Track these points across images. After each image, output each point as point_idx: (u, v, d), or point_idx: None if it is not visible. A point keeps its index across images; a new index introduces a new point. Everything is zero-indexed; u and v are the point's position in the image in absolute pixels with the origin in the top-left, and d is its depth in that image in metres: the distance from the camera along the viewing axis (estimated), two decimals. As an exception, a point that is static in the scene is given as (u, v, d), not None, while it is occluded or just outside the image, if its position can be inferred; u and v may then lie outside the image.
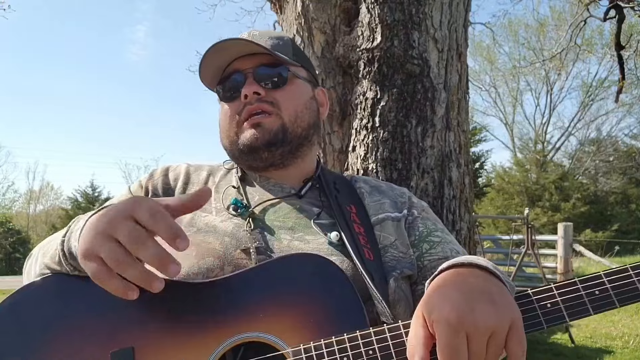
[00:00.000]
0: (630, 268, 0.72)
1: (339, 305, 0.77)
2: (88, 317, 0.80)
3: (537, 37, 24.43)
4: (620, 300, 0.71)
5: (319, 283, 0.79)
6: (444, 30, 2.30)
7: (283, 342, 0.75)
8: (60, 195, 33.54)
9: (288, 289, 0.79)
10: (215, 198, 1.04)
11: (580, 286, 0.72)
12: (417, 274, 0.99)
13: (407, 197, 1.10)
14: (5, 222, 23.83)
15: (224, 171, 1.12)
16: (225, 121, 1.06)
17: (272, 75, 1.02)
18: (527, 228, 7.93)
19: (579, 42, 8.77)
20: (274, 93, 1.02)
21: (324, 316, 0.77)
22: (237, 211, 0.99)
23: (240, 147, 1.02)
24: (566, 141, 28.00)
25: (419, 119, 2.21)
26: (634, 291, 0.71)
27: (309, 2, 2.40)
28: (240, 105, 1.02)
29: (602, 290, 0.71)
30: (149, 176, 1.10)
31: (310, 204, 1.02)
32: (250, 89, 1.00)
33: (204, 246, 0.92)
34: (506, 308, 0.66)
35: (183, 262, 0.88)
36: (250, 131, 1.01)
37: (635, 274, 0.71)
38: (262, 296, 0.79)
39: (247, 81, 1.02)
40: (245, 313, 0.78)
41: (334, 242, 0.94)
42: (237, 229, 0.96)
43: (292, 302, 0.78)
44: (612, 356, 5.42)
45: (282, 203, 1.02)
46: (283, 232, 0.96)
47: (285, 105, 1.02)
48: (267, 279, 0.80)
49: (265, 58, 1.03)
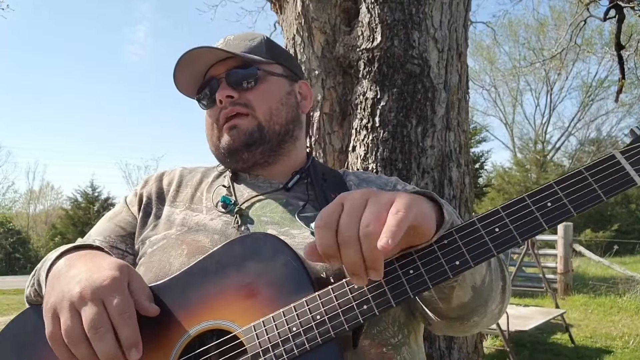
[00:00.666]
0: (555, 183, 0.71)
1: (283, 276, 0.78)
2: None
3: (537, 37, 24.45)
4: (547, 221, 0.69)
5: (263, 259, 0.80)
6: (444, 30, 2.30)
7: (235, 324, 0.77)
8: (60, 195, 33.59)
9: (233, 271, 0.81)
10: (206, 197, 1.07)
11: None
12: None
13: (393, 184, 1.10)
14: (5, 222, 23.82)
15: (217, 172, 1.15)
16: (208, 128, 1.09)
17: (243, 76, 1.04)
18: (527, 228, 7.91)
19: (579, 42, 8.77)
20: (247, 94, 1.04)
21: (273, 291, 0.78)
22: (226, 208, 1.01)
23: (222, 151, 1.05)
24: (566, 141, 28.05)
25: (419, 119, 2.21)
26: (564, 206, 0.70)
27: (309, 2, 2.40)
28: (217, 111, 1.05)
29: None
30: (143, 184, 1.14)
31: (297, 198, 1.04)
32: (223, 93, 1.03)
33: (194, 245, 0.95)
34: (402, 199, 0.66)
35: (174, 261, 0.92)
36: (227, 134, 1.04)
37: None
38: (214, 284, 0.81)
39: (221, 86, 1.04)
40: (201, 304, 0.80)
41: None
42: (226, 226, 0.98)
43: (240, 284, 0.79)
44: (612, 356, 5.42)
45: (269, 198, 1.04)
46: (270, 227, 0.97)
47: (259, 105, 1.04)
48: (214, 267, 0.82)
49: (236, 61, 1.05)
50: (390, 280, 0.72)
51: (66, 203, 27.79)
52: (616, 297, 8.60)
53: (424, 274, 0.71)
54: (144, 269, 0.95)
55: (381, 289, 0.72)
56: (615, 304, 8.22)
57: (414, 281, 0.71)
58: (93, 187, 24.34)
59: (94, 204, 22.54)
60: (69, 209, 24.26)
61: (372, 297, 0.72)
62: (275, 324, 0.75)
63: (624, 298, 8.45)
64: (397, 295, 0.71)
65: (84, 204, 23.12)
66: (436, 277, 0.71)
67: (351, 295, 0.73)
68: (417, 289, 0.71)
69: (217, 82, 1.05)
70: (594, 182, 0.71)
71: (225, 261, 0.82)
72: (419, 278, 0.71)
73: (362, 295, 0.73)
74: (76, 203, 24.07)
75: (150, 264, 0.94)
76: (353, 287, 0.74)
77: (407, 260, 0.72)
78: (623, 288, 8.88)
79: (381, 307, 0.72)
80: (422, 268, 0.71)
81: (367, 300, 0.72)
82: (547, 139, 28.00)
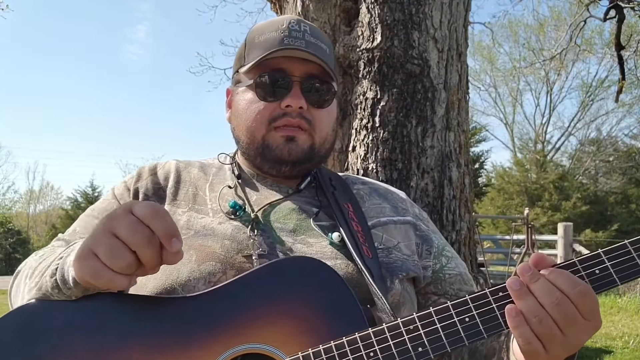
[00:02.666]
0: (629, 244, 0.72)
1: (335, 307, 0.75)
2: (75, 342, 0.77)
3: (537, 37, 24.46)
4: (621, 278, 0.70)
5: (313, 287, 0.77)
6: (444, 30, 2.30)
7: (280, 351, 0.73)
8: (60, 195, 33.60)
9: (281, 295, 0.76)
10: (211, 198, 1.01)
11: (580, 267, 0.71)
12: (434, 283, 1.02)
13: (407, 204, 1.10)
14: (5, 223, 23.83)
15: (217, 167, 1.08)
16: (253, 117, 0.99)
17: (319, 91, 0.99)
18: (527, 228, 7.93)
19: (578, 42, 8.77)
20: (314, 111, 0.99)
21: (321, 320, 0.74)
22: (235, 214, 0.95)
23: (262, 151, 0.99)
24: (566, 141, 28.05)
25: (419, 119, 2.21)
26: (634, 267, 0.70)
27: (309, 2, 2.40)
28: (277, 110, 0.97)
29: (601, 269, 0.71)
30: (136, 177, 1.05)
31: (309, 204, 1.00)
32: (298, 102, 0.96)
33: (204, 250, 0.89)
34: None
35: (183, 267, 0.87)
36: (283, 143, 0.97)
37: (634, 249, 0.71)
38: (255, 305, 0.76)
39: (294, 91, 0.97)
40: (238, 325, 0.75)
41: (336, 242, 0.92)
42: (236, 231, 0.93)
43: (286, 308, 0.75)
44: (612, 356, 5.42)
45: (283, 203, 0.99)
46: (285, 235, 0.94)
47: (320, 127, 1.00)
48: (259, 287, 0.78)
49: (314, 67, 0.98)
50: (447, 327, 0.72)
51: (66, 203, 27.88)
52: (616, 297, 8.60)
53: (479, 324, 0.71)
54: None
55: (437, 334, 0.72)
56: (615, 304, 8.22)
57: (469, 330, 0.72)
58: (93, 187, 24.41)
59: (93, 204, 22.51)
60: (69, 209, 24.31)
61: (428, 340, 0.71)
62: (325, 357, 0.71)
63: (624, 298, 8.46)
64: (452, 342, 0.71)
65: (84, 204, 23.12)
66: (491, 328, 0.72)
67: (407, 336, 0.72)
68: (472, 338, 0.71)
69: (290, 82, 0.97)
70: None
71: (270, 282, 0.78)
72: (474, 328, 0.72)
73: (418, 337, 0.72)
74: (76, 203, 24.12)
75: None
76: (409, 329, 0.72)
77: (463, 309, 0.73)
78: (623, 288, 8.88)
79: (437, 352, 0.71)
80: (477, 318, 0.72)
81: (423, 344, 0.71)
82: (547, 139, 28.02)
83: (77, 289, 0.77)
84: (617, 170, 24.72)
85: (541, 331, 0.67)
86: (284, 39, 0.97)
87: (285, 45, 0.96)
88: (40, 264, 0.86)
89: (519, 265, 0.71)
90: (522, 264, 0.71)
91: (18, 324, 0.78)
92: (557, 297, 0.67)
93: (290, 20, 1.01)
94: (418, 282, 1.00)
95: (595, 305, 0.68)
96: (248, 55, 1.00)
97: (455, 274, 1.03)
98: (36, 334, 0.77)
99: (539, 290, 0.68)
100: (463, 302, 0.72)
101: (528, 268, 0.70)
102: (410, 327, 0.72)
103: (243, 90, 1.02)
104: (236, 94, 1.04)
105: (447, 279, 1.02)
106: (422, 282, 1.00)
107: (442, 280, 1.02)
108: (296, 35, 0.98)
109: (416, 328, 0.72)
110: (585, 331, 0.68)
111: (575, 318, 0.67)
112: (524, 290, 0.68)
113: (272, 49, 0.96)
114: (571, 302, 0.67)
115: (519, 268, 0.71)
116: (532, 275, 0.69)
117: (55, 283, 0.78)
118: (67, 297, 0.79)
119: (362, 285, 0.86)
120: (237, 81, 1.04)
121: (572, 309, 0.67)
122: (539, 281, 0.68)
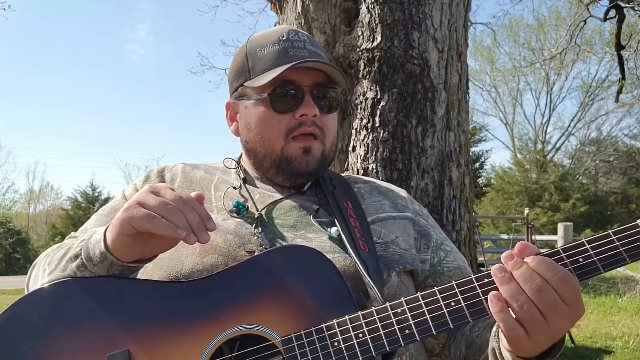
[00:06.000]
0: (612, 233, 0.75)
1: (327, 293, 0.79)
2: (82, 322, 0.81)
3: (537, 37, 24.46)
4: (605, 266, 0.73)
5: (306, 272, 0.81)
6: (444, 30, 2.30)
7: (274, 332, 0.77)
8: (60, 196, 33.58)
9: (276, 281, 0.81)
10: (216, 197, 1.05)
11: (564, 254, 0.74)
12: (432, 276, 1.04)
13: (407, 201, 1.13)
14: (5, 223, 23.82)
15: (222, 170, 1.12)
16: (270, 130, 1.01)
17: (328, 98, 1.01)
18: (527, 228, 7.94)
19: (579, 42, 8.78)
20: (324, 117, 1.01)
21: (314, 305, 0.78)
22: (239, 214, 1.00)
23: (280, 163, 1.01)
24: (566, 141, 28.06)
25: (419, 119, 2.21)
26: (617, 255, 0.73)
27: (309, 2, 2.40)
28: (293, 121, 0.99)
29: (585, 257, 0.73)
30: (144, 179, 1.10)
31: (309, 202, 1.04)
32: (312, 111, 0.98)
33: (207, 244, 0.93)
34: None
35: (187, 259, 0.92)
36: (301, 155, 1.00)
37: (617, 239, 0.74)
38: (251, 290, 0.81)
39: (306, 100, 0.99)
40: (236, 307, 0.80)
41: (334, 236, 0.96)
42: (239, 226, 0.98)
43: (280, 293, 0.80)
44: (612, 356, 5.42)
45: (284, 201, 1.03)
46: (285, 230, 0.98)
47: (329, 132, 1.03)
48: (255, 273, 0.82)
49: (319, 75, 1.00)
50: (433, 310, 0.75)
51: (66, 203, 27.89)
52: (616, 297, 8.60)
53: (464, 309, 0.74)
54: (152, 267, 0.93)
55: (423, 317, 0.75)
56: (615, 304, 8.22)
57: (454, 314, 0.74)
58: (93, 187, 24.44)
59: (93, 204, 22.53)
60: (69, 209, 24.33)
61: (414, 323, 0.74)
62: (316, 337, 0.75)
63: (624, 298, 8.46)
64: (438, 326, 0.74)
65: (84, 204, 23.16)
66: (475, 313, 0.74)
67: (394, 319, 0.75)
68: (457, 322, 0.74)
69: (301, 92, 0.99)
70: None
71: (266, 268, 0.82)
72: (459, 312, 0.74)
73: (405, 320, 0.75)
74: (76, 203, 24.13)
75: (159, 262, 0.93)
76: (397, 312, 0.75)
77: (449, 294, 0.76)
78: (623, 288, 8.88)
79: (423, 334, 0.74)
80: (462, 302, 0.74)
81: (409, 326, 0.74)
82: (547, 139, 28.04)
83: (102, 265, 0.81)
84: (617, 170, 24.73)
85: (523, 317, 0.69)
86: (289, 50, 1.00)
87: (291, 56, 0.99)
88: (58, 252, 0.91)
89: (504, 253, 0.73)
90: (506, 252, 0.73)
91: (37, 303, 0.83)
92: (538, 283, 0.68)
93: (288, 30, 1.04)
94: (416, 276, 1.03)
95: (577, 291, 0.70)
96: (253, 69, 1.02)
97: (454, 267, 1.05)
98: (54, 312, 0.82)
99: (521, 276, 0.70)
100: (449, 287, 0.75)
101: (512, 255, 0.72)
102: (398, 310, 0.76)
103: (253, 104, 1.03)
104: (244, 107, 1.05)
105: (445, 272, 1.04)
106: (420, 276, 1.03)
107: (440, 274, 1.04)
108: (298, 46, 1.01)
109: (404, 311, 0.75)
110: (568, 317, 0.70)
111: (557, 304, 0.68)
112: (507, 276, 0.70)
113: (282, 61, 0.98)
114: (552, 288, 0.68)
115: (503, 256, 0.73)
116: (515, 263, 0.71)
117: (80, 262, 0.83)
118: (92, 274, 0.84)
119: (358, 278, 0.89)
120: (242, 94, 1.06)
121: (553, 295, 0.68)
122: (521, 268, 0.70)
